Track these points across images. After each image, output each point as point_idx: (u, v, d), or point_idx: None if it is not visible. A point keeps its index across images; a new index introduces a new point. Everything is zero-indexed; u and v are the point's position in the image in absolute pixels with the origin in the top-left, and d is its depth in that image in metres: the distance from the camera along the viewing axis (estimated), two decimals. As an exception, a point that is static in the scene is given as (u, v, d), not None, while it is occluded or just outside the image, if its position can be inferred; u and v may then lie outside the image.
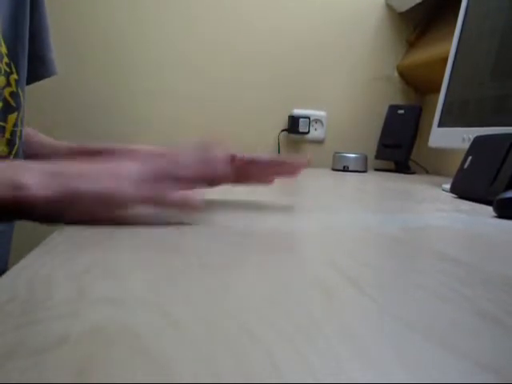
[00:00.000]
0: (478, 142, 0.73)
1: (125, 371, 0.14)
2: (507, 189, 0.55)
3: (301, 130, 1.40)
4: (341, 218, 0.46)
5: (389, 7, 1.46)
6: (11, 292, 0.21)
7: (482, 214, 0.54)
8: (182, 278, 0.24)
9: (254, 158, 0.50)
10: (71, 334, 0.16)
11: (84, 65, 1.26)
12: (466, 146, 0.75)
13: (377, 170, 1.44)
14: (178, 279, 0.24)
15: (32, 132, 0.68)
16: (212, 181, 0.48)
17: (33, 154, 0.65)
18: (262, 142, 1.41)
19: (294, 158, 0.50)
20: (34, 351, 0.15)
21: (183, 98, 1.34)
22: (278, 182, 0.53)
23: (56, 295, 0.20)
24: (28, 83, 0.63)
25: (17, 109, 0.58)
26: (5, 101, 0.55)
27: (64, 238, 0.32)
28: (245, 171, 0.50)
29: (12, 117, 0.57)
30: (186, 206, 0.38)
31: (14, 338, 0.16)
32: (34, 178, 0.34)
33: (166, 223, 0.38)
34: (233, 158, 0.48)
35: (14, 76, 0.57)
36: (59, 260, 0.26)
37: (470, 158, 0.72)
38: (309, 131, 1.41)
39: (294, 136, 1.43)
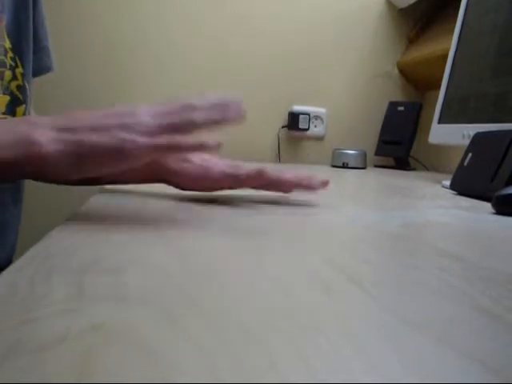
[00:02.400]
0: (478, 138, 0.73)
1: (124, 370, 0.14)
2: (507, 185, 0.55)
3: (301, 126, 1.40)
4: (340, 215, 0.46)
5: (389, 3, 1.45)
6: (11, 289, 0.21)
7: (482, 211, 0.54)
8: (181, 276, 0.24)
9: (278, 177, 0.50)
10: (71, 332, 0.16)
11: (84, 64, 1.26)
12: (466, 142, 0.75)
13: (377, 166, 1.44)
14: (178, 278, 0.24)
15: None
16: (234, 185, 0.50)
17: None
18: (262, 139, 1.41)
19: (316, 179, 0.51)
20: (33, 349, 0.15)
21: (183, 95, 1.34)
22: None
23: (56, 292, 0.20)
24: (35, 75, 0.64)
25: (24, 101, 0.58)
26: (12, 94, 0.56)
27: (64, 234, 0.32)
28: (266, 184, 0.51)
29: (20, 109, 0.57)
30: (201, 149, 0.37)
31: (14, 336, 0.16)
32: (45, 134, 0.34)
33: (167, 220, 0.38)
34: (260, 175, 0.48)
35: (20, 69, 0.57)
36: (59, 257, 0.26)
37: (469, 154, 0.72)
38: (309, 128, 1.41)
39: (293, 132, 1.42)
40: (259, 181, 0.49)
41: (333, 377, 0.14)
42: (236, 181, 0.49)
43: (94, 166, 0.35)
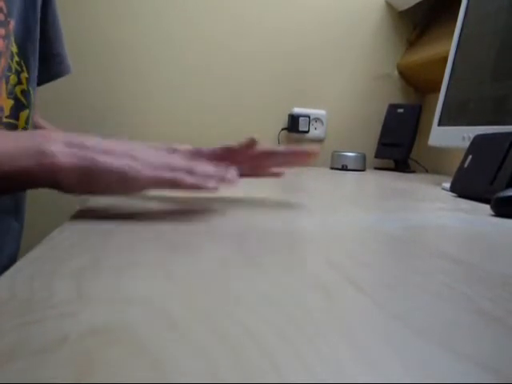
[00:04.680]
0: (477, 140, 0.73)
1: (125, 371, 0.14)
2: (507, 187, 0.55)
3: (301, 128, 1.40)
4: (340, 217, 0.46)
5: (389, 6, 1.46)
6: (11, 291, 0.21)
7: (482, 213, 0.54)
8: (181, 278, 0.24)
9: (268, 148, 0.51)
10: (71, 334, 0.16)
11: (83, 64, 1.26)
12: (466, 144, 0.75)
13: (376, 168, 1.44)
14: (178, 278, 0.24)
15: (44, 122, 0.68)
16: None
17: None
18: (262, 141, 1.41)
19: (304, 148, 0.51)
20: (33, 351, 0.15)
21: (183, 97, 1.34)
22: (277, 181, 0.53)
23: (56, 295, 0.20)
24: (45, 82, 0.64)
25: (28, 106, 0.58)
26: (16, 98, 0.56)
27: (64, 237, 0.32)
28: (258, 163, 0.51)
29: (23, 114, 0.57)
30: (201, 188, 0.39)
31: (14, 338, 0.16)
32: (58, 147, 0.35)
33: (167, 222, 0.38)
34: (252, 143, 0.48)
35: (25, 74, 0.57)
36: (59, 259, 0.26)
37: (469, 156, 0.72)
38: (309, 130, 1.41)
39: (293, 135, 1.43)
40: (252, 149, 0.49)
41: (333, 378, 0.14)
42: (229, 154, 0.49)
43: (99, 185, 0.37)
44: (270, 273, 0.25)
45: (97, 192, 0.38)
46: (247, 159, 0.50)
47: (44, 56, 0.61)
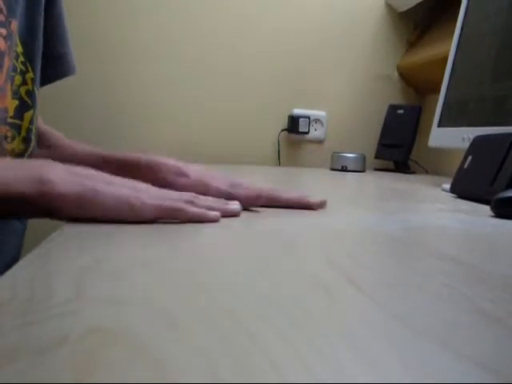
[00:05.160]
0: (477, 141, 0.73)
1: (125, 371, 0.14)
2: (507, 188, 0.55)
3: (301, 129, 1.40)
4: (340, 218, 0.46)
5: (389, 7, 1.46)
6: (11, 292, 0.21)
7: (482, 214, 0.54)
8: (181, 278, 0.24)
9: (276, 197, 0.51)
10: (71, 334, 0.16)
11: (83, 64, 1.26)
12: (466, 145, 0.75)
13: (376, 169, 1.44)
14: (178, 279, 0.24)
15: (60, 137, 0.68)
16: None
17: (63, 158, 0.66)
18: (262, 142, 1.41)
19: (313, 202, 0.52)
20: (34, 351, 0.15)
21: (183, 98, 1.34)
22: (277, 182, 0.53)
23: (56, 295, 0.20)
24: (47, 82, 0.64)
25: (32, 107, 0.58)
26: (21, 99, 0.56)
27: (64, 237, 0.32)
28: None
29: (28, 115, 0.57)
30: (203, 219, 0.40)
31: (14, 338, 0.16)
32: (59, 175, 0.36)
33: (167, 223, 0.38)
34: (259, 197, 0.50)
35: (30, 75, 0.57)
36: (59, 260, 0.26)
37: (469, 157, 0.72)
38: (309, 131, 1.41)
39: (293, 136, 1.43)
40: (257, 202, 0.50)
41: (333, 378, 0.14)
42: (236, 200, 0.49)
43: (97, 212, 0.37)
44: (270, 273, 0.25)
45: (96, 217, 0.38)
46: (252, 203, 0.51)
47: (47, 56, 0.61)
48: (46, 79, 0.63)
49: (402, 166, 1.36)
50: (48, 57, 0.61)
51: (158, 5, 1.31)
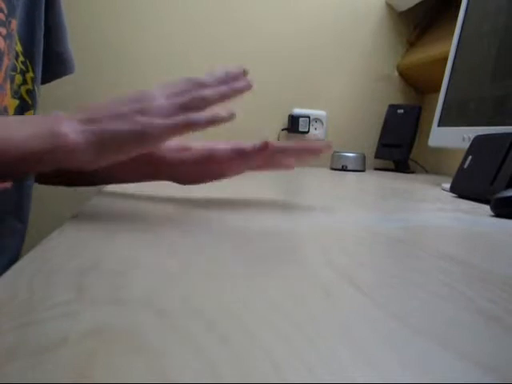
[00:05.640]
0: (477, 141, 0.73)
1: (125, 371, 0.14)
2: (507, 188, 0.55)
3: (301, 129, 1.40)
4: (340, 218, 0.46)
5: (389, 7, 1.46)
6: (11, 291, 0.21)
7: (482, 214, 0.54)
8: (181, 278, 0.24)
9: (281, 145, 0.50)
10: (71, 334, 0.16)
11: (83, 64, 1.26)
12: (466, 145, 0.75)
13: (376, 169, 1.44)
14: (178, 279, 0.24)
15: None
16: (241, 168, 0.50)
17: None
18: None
19: (318, 143, 0.51)
20: (33, 351, 0.15)
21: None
22: (277, 181, 0.53)
23: (56, 295, 0.20)
24: (46, 81, 0.64)
25: (33, 106, 0.58)
26: (21, 98, 0.56)
27: (64, 237, 0.32)
28: (269, 158, 0.50)
29: (28, 114, 0.57)
30: (216, 122, 0.39)
31: (14, 338, 0.16)
32: (70, 126, 0.36)
33: (167, 223, 0.38)
34: (265, 146, 0.48)
35: (30, 74, 0.57)
36: (59, 259, 0.26)
37: (469, 157, 0.72)
38: (309, 130, 1.41)
39: (294, 135, 1.43)
40: (266, 151, 0.49)
41: (332, 378, 0.14)
42: (242, 156, 0.49)
43: (117, 151, 0.38)
44: (270, 273, 0.25)
45: (117, 158, 0.38)
46: (259, 159, 0.50)
47: (46, 54, 0.61)
48: (44, 78, 0.63)
49: (402, 165, 1.36)
50: (46, 56, 0.61)
51: (159, 7, 1.31)
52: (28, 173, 0.47)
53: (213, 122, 0.39)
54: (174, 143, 0.50)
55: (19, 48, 0.55)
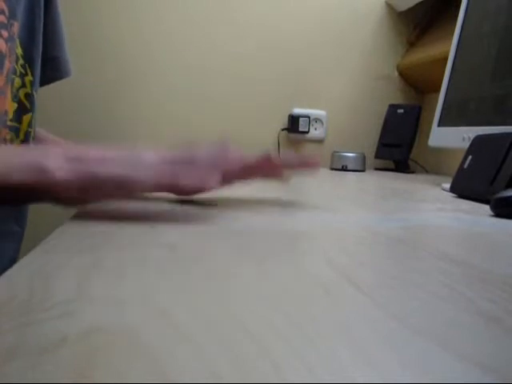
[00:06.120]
0: (477, 141, 0.73)
1: (124, 371, 0.14)
2: (507, 188, 0.55)
3: (301, 129, 1.40)
4: (340, 217, 0.46)
5: (389, 6, 1.46)
6: (11, 292, 0.21)
7: (482, 214, 0.54)
8: (181, 278, 0.24)
9: (284, 159, 0.51)
10: (71, 334, 0.16)
11: (83, 65, 1.26)
12: (466, 145, 0.75)
13: (376, 169, 1.44)
14: (178, 279, 0.24)
15: (43, 132, 0.68)
16: (230, 178, 0.49)
17: None
18: (262, 141, 1.41)
19: (310, 157, 0.51)
20: (33, 351, 0.15)
21: (183, 98, 1.34)
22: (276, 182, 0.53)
23: (56, 295, 0.20)
24: (42, 85, 0.64)
25: (31, 110, 0.58)
26: (20, 102, 0.56)
27: (64, 237, 0.32)
28: (271, 171, 0.51)
29: (26, 118, 0.57)
30: (201, 191, 0.40)
31: (14, 338, 0.16)
32: (57, 162, 0.36)
33: (167, 223, 0.38)
34: (267, 159, 0.48)
35: (29, 77, 0.57)
36: (59, 260, 0.26)
37: (469, 157, 0.72)
38: (309, 130, 1.41)
39: (293, 135, 1.42)
40: (267, 164, 0.49)
41: (332, 378, 0.14)
42: (244, 169, 0.49)
43: (100, 195, 0.38)
44: (270, 273, 0.25)
45: (97, 201, 0.38)
46: (260, 171, 0.50)
47: (42, 58, 0.61)
48: (40, 82, 0.63)
49: (402, 165, 1.36)
50: (43, 59, 0.61)
51: (159, 6, 1.31)
52: (10, 203, 0.47)
53: (197, 191, 0.40)
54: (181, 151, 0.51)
55: (19, 51, 0.55)
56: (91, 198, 0.38)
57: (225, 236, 0.35)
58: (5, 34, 0.50)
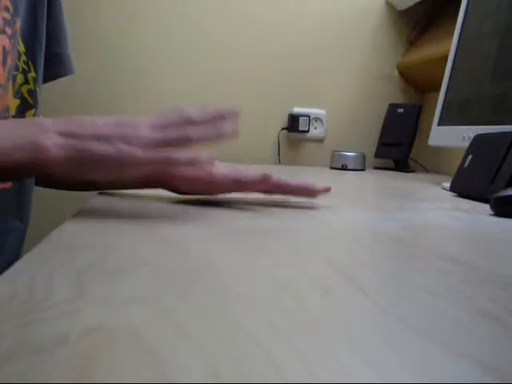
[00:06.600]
0: (477, 140, 0.73)
1: (125, 371, 0.14)
2: (507, 187, 0.55)
3: (301, 128, 1.40)
4: (340, 217, 0.46)
5: (389, 5, 1.46)
6: (11, 291, 0.21)
7: (482, 213, 0.54)
8: (181, 277, 0.24)
9: (282, 183, 0.51)
10: (71, 334, 0.16)
11: (83, 64, 1.26)
12: (466, 144, 0.75)
13: (376, 168, 1.44)
14: (178, 278, 0.24)
15: None
16: (237, 189, 0.50)
17: None
18: (262, 141, 1.41)
19: (316, 186, 0.52)
20: (34, 351, 0.15)
21: (183, 97, 1.34)
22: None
23: (56, 294, 0.20)
24: (46, 81, 0.64)
25: (34, 106, 0.58)
26: (23, 98, 0.56)
27: (64, 236, 0.32)
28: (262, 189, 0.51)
29: (29, 114, 0.57)
30: (196, 163, 0.39)
31: (14, 338, 0.16)
32: (52, 139, 0.36)
33: (167, 222, 0.38)
34: (265, 180, 0.49)
35: (32, 74, 0.57)
36: (59, 259, 0.26)
37: (469, 156, 0.72)
38: (309, 130, 1.41)
39: (293, 134, 1.42)
40: (263, 186, 0.49)
41: (333, 378, 0.14)
42: (239, 185, 0.49)
43: (95, 171, 0.38)
44: (270, 272, 0.25)
45: (93, 178, 0.38)
46: (258, 189, 0.50)
47: (45, 55, 0.61)
48: (43, 78, 0.63)
49: (401, 164, 1.36)
50: (46, 56, 0.61)
51: (159, 5, 1.31)
52: (6, 180, 0.47)
53: (191, 163, 0.39)
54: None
55: (22, 48, 0.55)
56: (87, 175, 0.38)
57: (225, 235, 0.35)
58: (8, 30, 0.50)
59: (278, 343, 0.16)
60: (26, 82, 0.56)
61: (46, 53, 0.62)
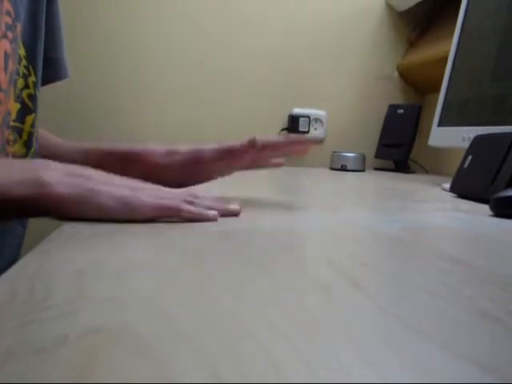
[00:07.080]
0: (477, 141, 0.73)
1: (125, 371, 0.14)
2: (507, 188, 0.55)
3: (301, 129, 1.40)
4: (340, 218, 0.46)
5: (389, 6, 1.46)
6: (11, 292, 0.21)
7: (482, 214, 0.54)
8: (181, 278, 0.24)
9: (269, 141, 0.51)
10: (71, 334, 0.16)
11: (83, 64, 1.26)
12: (466, 145, 0.75)
13: (376, 169, 1.44)
14: (178, 279, 0.24)
15: (43, 133, 0.68)
16: (230, 168, 0.49)
17: (47, 155, 0.65)
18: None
19: (301, 137, 0.52)
20: (33, 351, 0.15)
21: (183, 97, 1.34)
22: (276, 181, 0.53)
23: (56, 295, 0.20)
24: (41, 85, 0.64)
25: (34, 110, 0.58)
26: (23, 103, 0.56)
27: (64, 237, 0.32)
28: (258, 156, 0.50)
29: (29, 118, 0.57)
30: (202, 218, 0.40)
31: (14, 338, 0.16)
32: (57, 177, 0.36)
33: (167, 223, 0.38)
34: (252, 143, 0.48)
35: (32, 78, 0.57)
36: (59, 259, 0.26)
37: (469, 157, 0.72)
38: (309, 130, 1.41)
39: (293, 135, 1.42)
40: (252, 153, 0.49)
41: (333, 378, 0.14)
42: (230, 156, 0.49)
43: (98, 213, 0.37)
44: (270, 273, 0.25)
45: (98, 216, 0.38)
46: (247, 157, 0.50)
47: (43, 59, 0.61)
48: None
49: (401, 165, 1.36)
50: (43, 60, 0.61)
51: (159, 5, 1.31)
52: (8, 217, 0.47)
53: (198, 216, 0.40)
54: (161, 148, 0.51)
55: (22, 52, 0.55)
56: (89, 215, 0.37)
57: (225, 236, 0.35)
58: (10, 35, 0.50)
59: (278, 343, 0.16)
60: (27, 86, 0.56)
61: (43, 57, 0.62)
